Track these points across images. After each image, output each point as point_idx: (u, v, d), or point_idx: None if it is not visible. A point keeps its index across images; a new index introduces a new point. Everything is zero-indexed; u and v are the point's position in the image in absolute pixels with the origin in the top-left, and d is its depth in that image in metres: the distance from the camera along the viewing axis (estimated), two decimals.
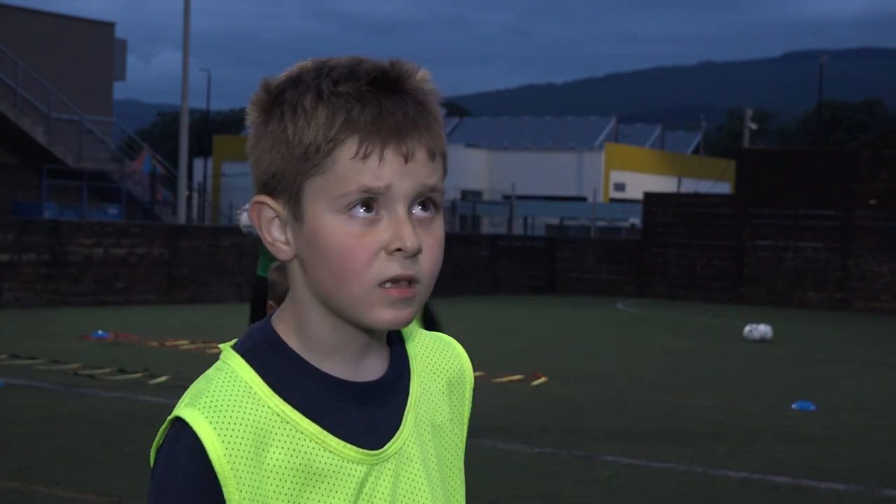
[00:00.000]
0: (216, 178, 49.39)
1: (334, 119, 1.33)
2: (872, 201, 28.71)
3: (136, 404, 9.96)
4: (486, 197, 53.13)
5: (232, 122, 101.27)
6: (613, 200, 53.88)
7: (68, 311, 20.02)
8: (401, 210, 1.34)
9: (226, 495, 1.33)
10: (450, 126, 67.34)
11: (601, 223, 45.30)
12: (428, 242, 1.36)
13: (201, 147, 64.25)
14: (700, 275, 30.83)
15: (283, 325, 1.42)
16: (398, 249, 1.33)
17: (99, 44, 37.78)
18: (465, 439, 1.55)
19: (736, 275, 30.28)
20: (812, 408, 11.15)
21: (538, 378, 12.57)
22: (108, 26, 38.97)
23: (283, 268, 4.41)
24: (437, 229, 1.38)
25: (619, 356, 15.61)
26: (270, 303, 4.49)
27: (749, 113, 49.52)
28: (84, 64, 36.55)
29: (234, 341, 1.44)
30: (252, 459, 1.34)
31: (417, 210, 1.36)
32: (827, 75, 54.83)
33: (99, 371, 11.89)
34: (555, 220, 45.44)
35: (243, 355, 1.40)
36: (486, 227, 45.22)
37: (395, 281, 1.34)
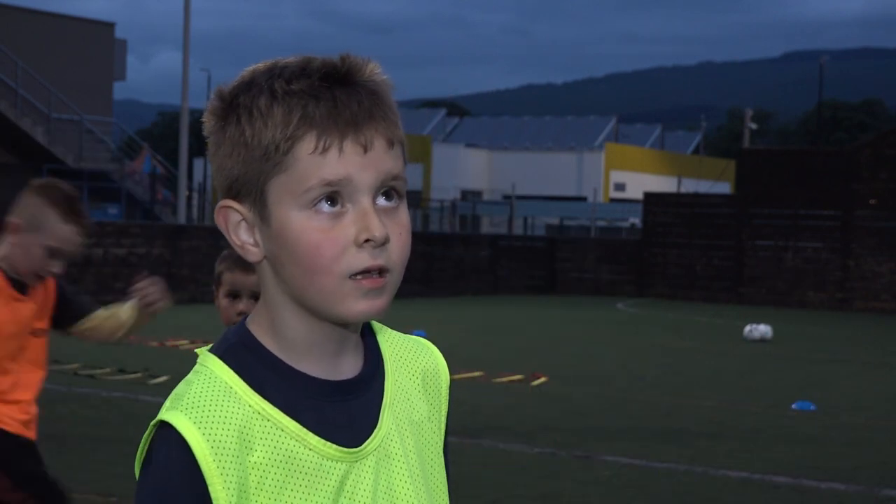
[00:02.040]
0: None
1: (291, 116, 1.34)
2: (872, 201, 28.71)
3: (136, 404, 9.96)
4: (486, 197, 53.16)
5: None
6: (613, 200, 53.91)
7: None
8: (365, 201, 1.35)
9: (212, 494, 1.33)
10: (450, 126, 67.37)
11: (601, 223, 45.31)
12: (395, 230, 1.37)
13: (201, 147, 64.26)
14: (700, 275, 30.83)
15: (258, 327, 1.43)
16: (367, 240, 1.34)
17: (99, 44, 37.78)
18: (443, 437, 1.55)
19: (736, 275, 30.28)
20: (812, 408, 11.14)
21: (538, 378, 12.56)
22: (108, 26, 38.99)
23: (236, 261, 4.27)
24: (403, 216, 1.39)
25: (619, 356, 15.60)
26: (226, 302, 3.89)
27: (749, 113, 49.55)
28: (84, 64, 36.56)
29: (209, 346, 1.45)
30: (237, 457, 1.35)
31: (381, 200, 1.37)
32: (827, 75, 54.85)
33: (99, 371, 11.89)
34: (555, 220, 45.45)
35: (221, 356, 1.41)
36: (486, 227, 45.23)
37: (365, 272, 1.35)
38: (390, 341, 1.53)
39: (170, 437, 1.35)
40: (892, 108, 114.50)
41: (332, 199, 1.35)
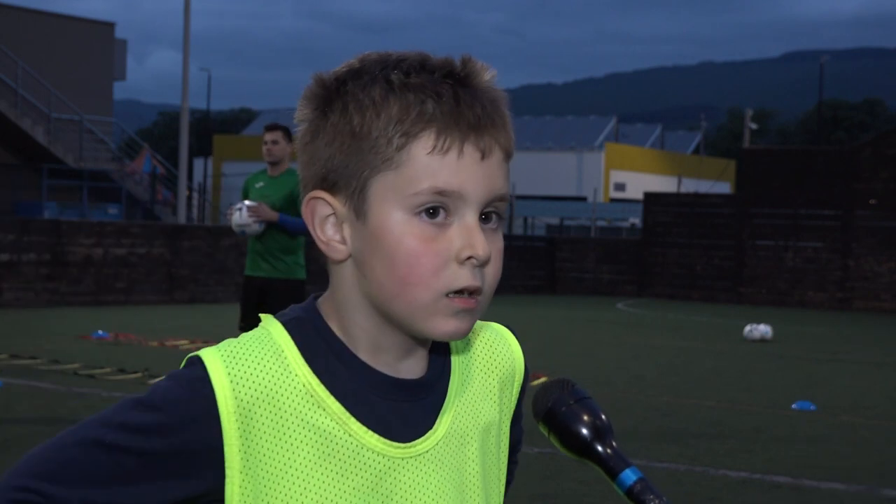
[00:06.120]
0: (216, 178, 49.38)
1: (408, 111, 1.27)
2: (872, 201, 28.71)
3: None
4: None
5: (231, 122, 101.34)
6: (613, 200, 53.91)
7: (68, 311, 20.01)
8: (471, 217, 1.28)
9: (226, 455, 1.26)
10: None
11: (601, 223, 45.31)
12: (493, 253, 1.31)
13: (201, 147, 64.27)
14: (700, 275, 30.83)
15: (328, 310, 1.37)
16: (469, 258, 1.28)
17: (99, 44, 37.80)
18: (508, 437, 1.49)
19: (736, 275, 30.28)
20: (812, 408, 11.14)
21: (538, 378, 12.55)
22: (108, 26, 39.01)
23: None
24: (500, 241, 1.33)
25: (619, 356, 15.59)
26: None
27: (749, 113, 49.52)
28: (84, 64, 36.57)
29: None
30: (265, 425, 1.27)
31: (483, 222, 1.31)
32: (827, 75, 54.84)
33: (99, 371, 11.89)
34: (555, 220, 45.44)
35: (284, 323, 1.34)
36: None
37: (461, 291, 1.29)
38: (470, 342, 1.46)
39: (195, 369, 1.28)
40: (892, 108, 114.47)
41: (440, 207, 1.27)
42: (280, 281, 8.86)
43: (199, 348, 1.37)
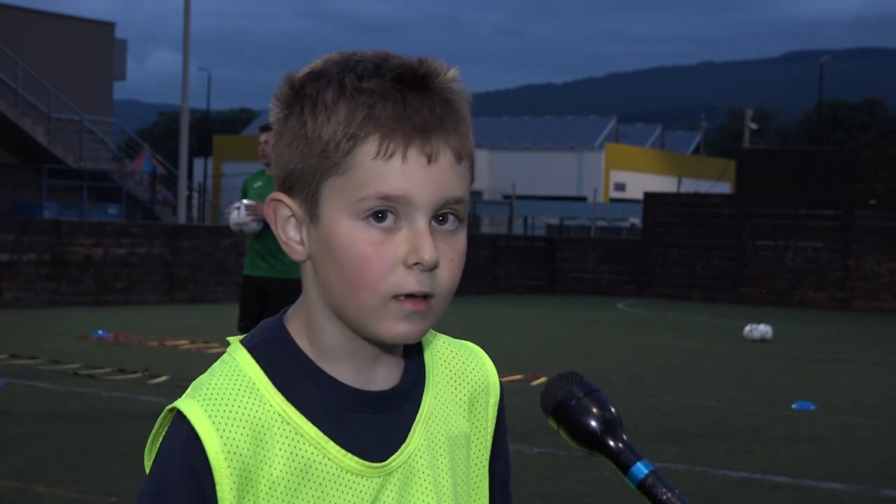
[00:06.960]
0: (216, 178, 49.38)
1: (355, 115, 1.27)
2: (872, 201, 28.71)
3: (136, 404, 9.96)
4: (486, 197, 53.13)
5: (231, 122, 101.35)
6: (613, 200, 53.92)
7: (68, 311, 20.01)
8: (421, 221, 1.28)
9: (218, 493, 1.28)
10: None
11: (601, 223, 45.32)
12: (448, 255, 1.30)
13: (201, 147, 64.28)
14: (700, 275, 30.83)
15: (296, 325, 1.37)
16: (416, 263, 1.28)
17: (99, 44, 37.80)
18: (488, 454, 1.48)
19: (736, 275, 30.28)
20: (812, 408, 11.14)
21: (538, 378, 12.55)
22: (108, 26, 39.01)
23: None
24: (459, 242, 1.32)
25: (619, 356, 15.59)
26: None
27: (749, 113, 49.48)
28: (84, 64, 36.57)
29: (243, 336, 1.39)
30: (249, 458, 1.29)
31: (438, 223, 1.30)
32: (827, 75, 54.82)
33: (99, 371, 11.89)
34: (555, 220, 45.45)
35: (250, 350, 1.35)
36: (486, 227, 45.22)
37: (410, 296, 1.29)
38: (440, 352, 1.47)
39: (181, 427, 1.29)
40: (892, 108, 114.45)
41: (387, 212, 1.28)
42: (279, 280, 8.86)
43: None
